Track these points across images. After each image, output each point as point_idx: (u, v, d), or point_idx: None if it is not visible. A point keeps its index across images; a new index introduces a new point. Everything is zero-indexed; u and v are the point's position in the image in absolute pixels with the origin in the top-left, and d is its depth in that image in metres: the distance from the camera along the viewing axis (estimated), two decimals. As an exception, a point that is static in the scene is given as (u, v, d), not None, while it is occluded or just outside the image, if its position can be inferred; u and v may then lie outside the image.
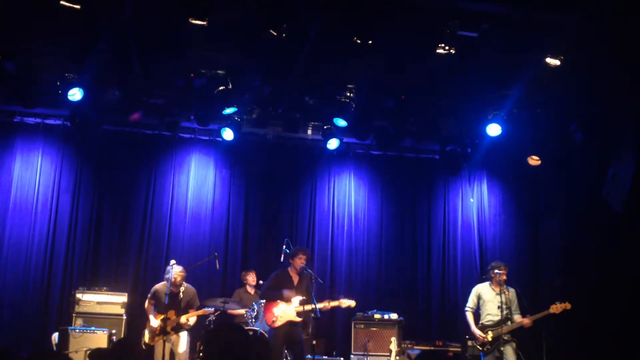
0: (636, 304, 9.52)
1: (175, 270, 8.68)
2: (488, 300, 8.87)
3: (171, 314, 8.63)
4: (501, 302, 8.62)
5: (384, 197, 11.64)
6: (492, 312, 8.79)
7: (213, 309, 8.97)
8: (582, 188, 10.65)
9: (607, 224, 10.15)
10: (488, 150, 10.78)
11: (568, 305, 8.49)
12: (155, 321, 8.67)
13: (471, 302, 9.03)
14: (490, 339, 8.64)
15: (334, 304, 8.56)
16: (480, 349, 8.75)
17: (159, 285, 8.92)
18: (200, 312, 8.83)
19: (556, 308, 8.50)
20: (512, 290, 8.86)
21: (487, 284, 9.02)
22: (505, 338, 8.48)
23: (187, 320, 8.71)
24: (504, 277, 8.79)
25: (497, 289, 8.81)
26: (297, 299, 8.19)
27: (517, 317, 8.72)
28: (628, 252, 9.70)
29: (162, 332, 8.59)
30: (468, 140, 10.82)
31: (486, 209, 11.66)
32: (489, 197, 11.72)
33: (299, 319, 8.17)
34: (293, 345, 8.23)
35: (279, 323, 8.15)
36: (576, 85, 9.09)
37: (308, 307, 8.16)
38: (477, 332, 8.78)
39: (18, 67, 8.92)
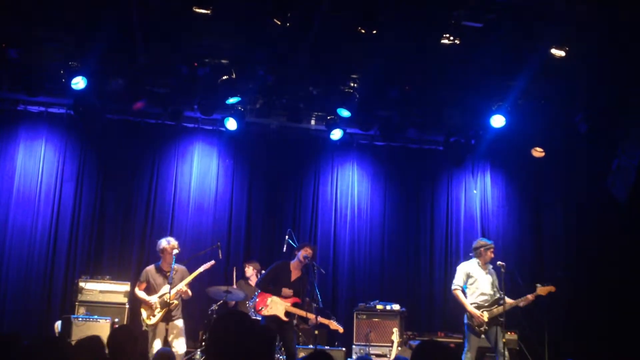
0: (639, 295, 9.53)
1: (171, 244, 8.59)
2: (480, 278, 8.47)
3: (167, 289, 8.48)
4: (492, 280, 8.44)
5: (387, 188, 11.60)
6: (486, 290, 8.41)
7: (209, 263, 8.84)
8: (587, 179, 10.64)
9: (611, 215, 10.15)
10: (492, 141, 10.73)
11: (552, 288, 8.29)
12: (153, 297, 8.48)
13: (460, 279, 8.52)
14: (486, 320, 8.25)
15: (323, 321, 8.30)
16: (478, 329, 8.27)
17: (149, 267, 8.77)
18: (196, 272, 8.65)
19: (542, 290, 8.27)
20: (494, 271, 8.58)
21: (474, 261, 8.57)
22: (501, 319, 8.16)
23: (187, 287, 8.49)
24: (492, 255, 8.52)
25: (485, 268, 8.53)
26: (291, 300, 8.15)
27: (506, 298, 8.25)
28: (632, 243, 9.69)
29: (163, 305, 8.35)
30: (472, 132, 10.78)
31: (489, 201, 11.63)
32: (492, 189, 11.68)
33: (285, 319, 8.11)
34: (284, 341, 8.19)
35: (265, 312, 8.09)
36: (581, 76, 9.06)
37: (300, 312, 8.15)
38: (476, 311, 8.28)
39: (22, 55, 8.89)
